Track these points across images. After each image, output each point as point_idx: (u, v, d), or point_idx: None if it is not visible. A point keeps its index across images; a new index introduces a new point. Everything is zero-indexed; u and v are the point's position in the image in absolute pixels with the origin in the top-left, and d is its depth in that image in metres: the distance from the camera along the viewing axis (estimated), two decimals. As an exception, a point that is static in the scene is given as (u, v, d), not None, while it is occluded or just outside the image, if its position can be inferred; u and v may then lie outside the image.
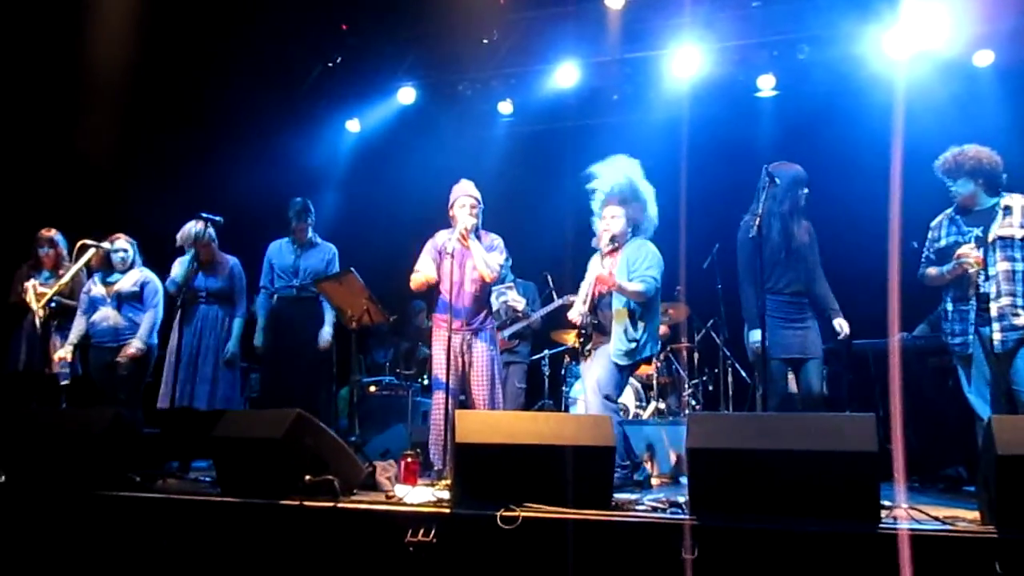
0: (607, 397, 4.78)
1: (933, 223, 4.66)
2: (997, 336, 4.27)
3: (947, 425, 5.30)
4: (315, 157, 8.42)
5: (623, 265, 4.90)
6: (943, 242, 4.54)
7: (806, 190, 4.94)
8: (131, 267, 5.84)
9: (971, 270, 4.35)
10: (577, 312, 4.97)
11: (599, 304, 4.96)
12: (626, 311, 4.84)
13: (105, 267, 5.84)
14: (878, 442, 3.09)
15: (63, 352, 5.71)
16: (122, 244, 5.83)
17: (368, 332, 7.52)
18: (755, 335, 4.70)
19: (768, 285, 4.74)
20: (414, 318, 8.22)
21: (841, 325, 4.93)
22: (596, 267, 4.98)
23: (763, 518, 3.08)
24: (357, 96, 8.54)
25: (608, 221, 5.00)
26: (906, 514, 3.22)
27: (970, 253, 4.34)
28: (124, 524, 3.71)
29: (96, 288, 5.78)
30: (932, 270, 4.58)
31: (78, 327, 5.76)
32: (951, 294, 4.51)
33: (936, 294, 4.74)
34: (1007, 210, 4.38)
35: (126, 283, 5.78)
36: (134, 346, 5.61)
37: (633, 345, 4.80)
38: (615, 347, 4.82)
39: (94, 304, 5.76)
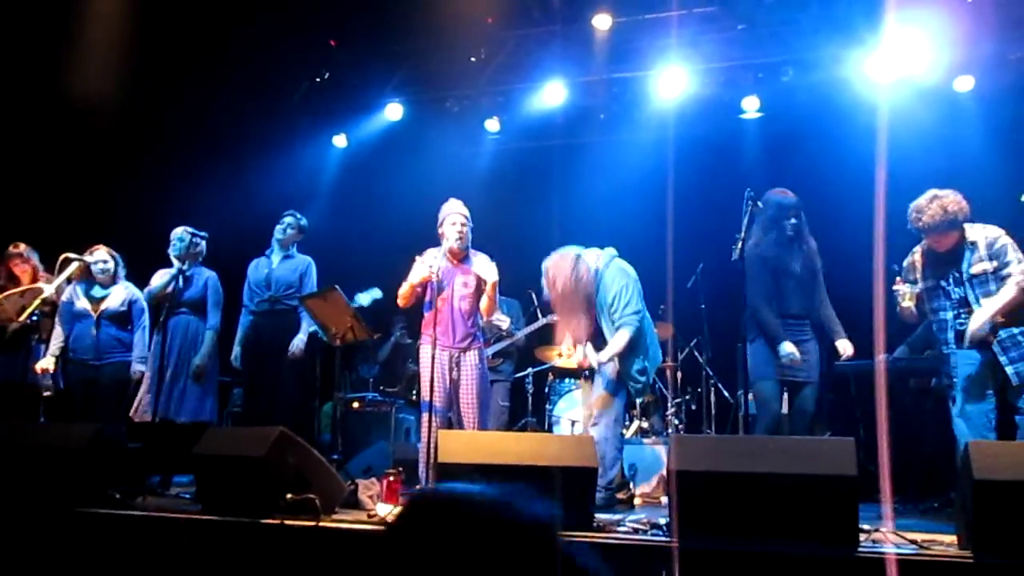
0: (616, 420, 4.97)
1: (906, 262, 4.65)
2: (1009, 369, 4.26)
3: (927, 446, 5.34)
4: (301, 172, 8.40)
5: (602, 304, 4.96)
6: (921, 285, 4.55)
7: (793, 220, 4.91)
8: (114, 281, 5.79)
9: (903, 303, 4.49)
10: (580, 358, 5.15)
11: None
12: (623, 354, 4.93)
13: (87, 278, 5.77)
14: (857, 465, 3.12)
15: (44, 363, 5.66)
16: (102, 255, 5.74)
17: (354, 348, 7.48)
18: (788, 347, 4.73)
19: (774, 307, 4.82)
20: (396, 335, 8.16)
21: (845, 347, 4.96)
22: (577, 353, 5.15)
23: (744, 540, 3.10)
24: (344, 112, 8.56)
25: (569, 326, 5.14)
26: (885, 537, 3.24)
27: (901, 287, 4.50)
28: (104, 542, 3.68)
29: (80, 301, 5.72)
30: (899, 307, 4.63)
31: (58, 338, 5.67)
32: (936, 326, 4.57)
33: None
34: (972, 246, 4.38)
35: (114, 301, 5.71)
36: (137, 371, 5.59)
37: (644, 379, 5.01)
38: (630, 385, 4.98)
39: (76, 317, 5.70)
